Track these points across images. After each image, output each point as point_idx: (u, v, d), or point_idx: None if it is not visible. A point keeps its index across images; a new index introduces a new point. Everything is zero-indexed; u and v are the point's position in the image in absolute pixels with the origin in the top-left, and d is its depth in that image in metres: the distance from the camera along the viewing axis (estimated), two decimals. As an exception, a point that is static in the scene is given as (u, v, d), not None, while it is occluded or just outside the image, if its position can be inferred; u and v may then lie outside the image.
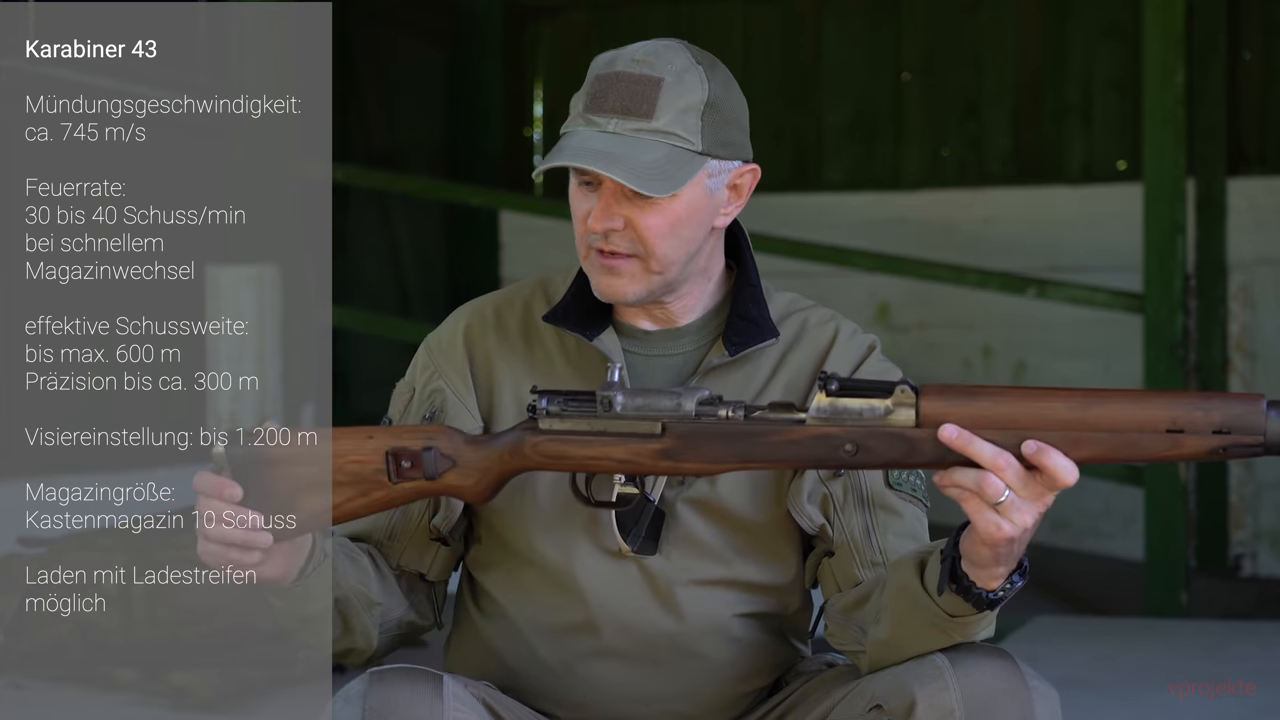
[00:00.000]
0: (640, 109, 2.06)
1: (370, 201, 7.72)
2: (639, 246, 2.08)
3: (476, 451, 2.01)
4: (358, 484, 2.00)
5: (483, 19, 8.38)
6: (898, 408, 1.90)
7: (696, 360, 2.17)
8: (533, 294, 2.23)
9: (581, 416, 1.99)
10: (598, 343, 2.14)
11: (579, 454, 1.98)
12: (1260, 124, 7.66)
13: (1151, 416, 1.85)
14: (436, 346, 2.23)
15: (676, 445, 1.96)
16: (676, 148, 2.07)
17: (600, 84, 2.08)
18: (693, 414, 1.96)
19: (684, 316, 2.17)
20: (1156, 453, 1.85)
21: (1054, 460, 1.83)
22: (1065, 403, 1.86)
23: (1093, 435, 1.85)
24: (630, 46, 2.13)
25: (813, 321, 2.21)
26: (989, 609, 1.94)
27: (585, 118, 2.08)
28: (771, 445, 1.94)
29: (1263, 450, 1.84)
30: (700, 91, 2.09)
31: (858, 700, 2.03)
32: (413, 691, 1.93)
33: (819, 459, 1.92)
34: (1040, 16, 7.97)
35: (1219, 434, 1.84)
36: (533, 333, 2.20)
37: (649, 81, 2.07)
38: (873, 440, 1.90)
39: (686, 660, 2.13)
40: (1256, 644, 5.44)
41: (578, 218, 2.10)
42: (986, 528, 1.85)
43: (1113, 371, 7.55)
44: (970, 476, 1.85)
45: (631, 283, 2.10)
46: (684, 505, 2.12)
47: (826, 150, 8.24)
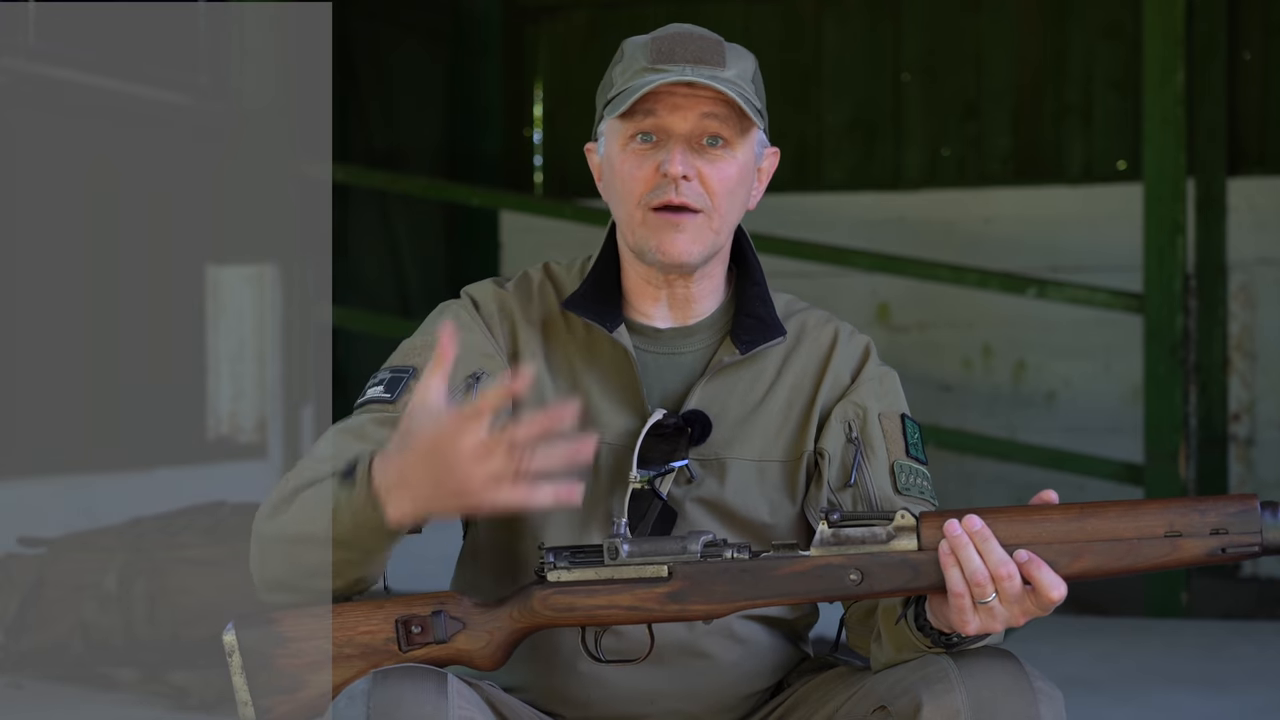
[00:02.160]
0: (713, 59, 2.08)
1: (370, 201, 7.72)
2: (707, 199, 2.09)
3: (485, 614, 1.99)
4: (368, 656, 1.98)
5: (483, 19, 8.38)
6: (899, 533, 1.93)
7: (706, 359, 2.16)
8: (543, 283, 2.22)
9: (588, 566, 1.98)
10: (616, 335, 2.13)
11: (586, 604, 1.97)
12: (1260, 124, 7.65)
13: (1148, 523, 1.89)
14: (479, 303, 2.17)
15: (683, 588, 1.96)
16: (746, 98, 2.09)
17: (664, 41, 2.10)
18: (698, 556, 1.96)
19: (700, 303, 2.17)
20: (1157, 558, 1.89)
21: (1043, 574, 1.87)
22: (1062, 516, 1.90)
23: (1092, 545, 1.89)
24: (664, 27, 2.14)
25: (812, 323, 2.22)
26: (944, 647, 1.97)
27: (655, 68, 2.08)
28: (777, 579, 1.95)
29: (1260, 550, 1.88)
30: (750, 60, 2.13)
31: (863, 701, 2.03)
32: (417, 689, 1.92)
33: (825, 589, 1.94)
34: (1040, 16, 7.97)
35: (1216, 534, 1.88)
36: (549, 320, 2.18)
37: (714, 40, 2.11)
38: (877, 567, 1.92)
39: (692, 661, 2.13)
40: (1256, 644, 5.45)
41: (639, 175, 2.09)
42: (957, 618, 1.90)
43: (1113, 371, 7.55)
44: (971, 565, 1.87)
45: (694, 241, 2.10)
46: (693, 504, 2.12)
47: (826, 150, 8.23)
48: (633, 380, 2.13)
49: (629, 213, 2.11)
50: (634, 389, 2.13)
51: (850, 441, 2.14)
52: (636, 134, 2.10)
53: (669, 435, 2.12)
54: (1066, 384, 7.72)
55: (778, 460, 2.15)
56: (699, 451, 2.13)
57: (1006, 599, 1.88)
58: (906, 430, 2.17)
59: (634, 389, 2.13)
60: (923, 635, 1.97)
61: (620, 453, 2.11)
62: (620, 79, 2.11)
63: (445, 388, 1.89)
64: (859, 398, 2.16)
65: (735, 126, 2.09)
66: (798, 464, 2.15)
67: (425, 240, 8.19)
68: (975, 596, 1.88)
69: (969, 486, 7.50)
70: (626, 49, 2.14)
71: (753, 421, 2.15)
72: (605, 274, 2.18)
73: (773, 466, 2.15)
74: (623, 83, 2.11)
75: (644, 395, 2.13)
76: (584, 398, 2.14)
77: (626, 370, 2.14)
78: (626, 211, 2.11)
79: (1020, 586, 1.87)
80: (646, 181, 2.09)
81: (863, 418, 2.15)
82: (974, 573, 1.87)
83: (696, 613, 1.97)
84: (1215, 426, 7.40)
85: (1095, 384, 7.65)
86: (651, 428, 2.10)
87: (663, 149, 2.08)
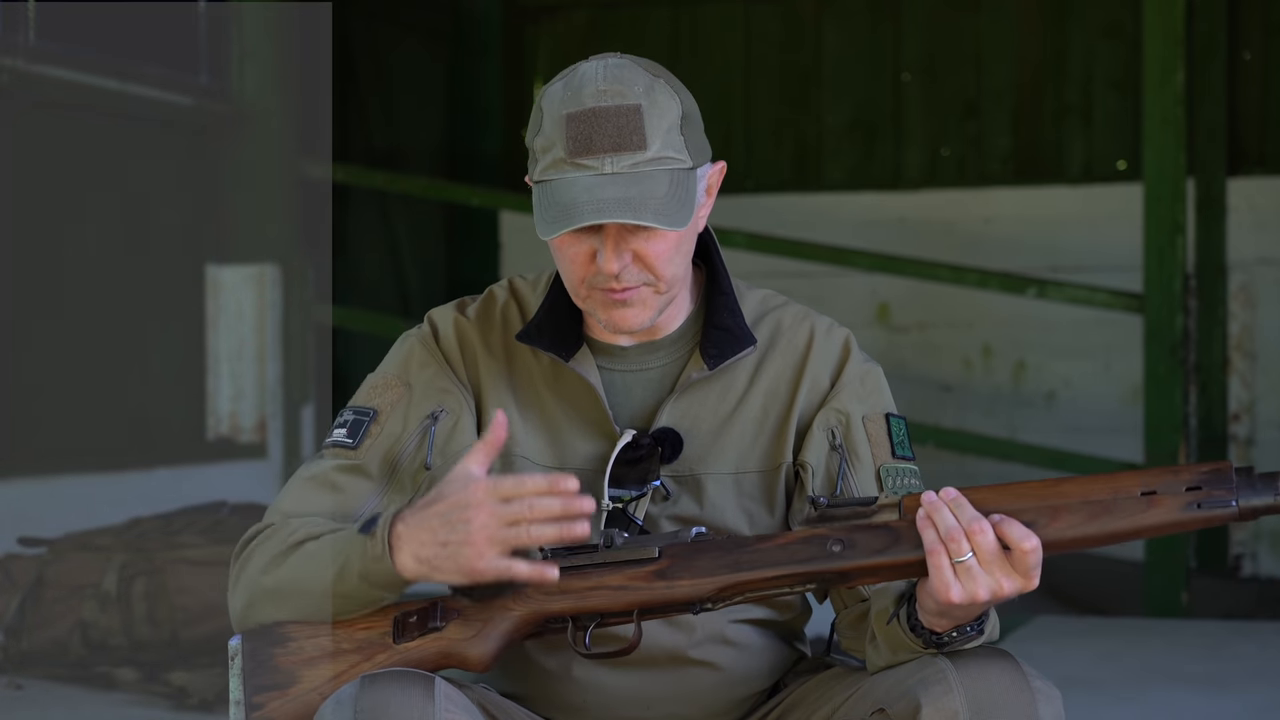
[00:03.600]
0: (631, 141, 2.01)
1: (370, 201, 7.72)
2: (649, 274, 2.05)
3: (479, 606, 2.00)
4: (363, 650, 1.99)
5: (483, 19, 8.38)
6: (882, 510, 1.95)
7: (674, 373, 2.14)
8: (507, 305, 2.20)
9: (582, 554, 1.99)
10: (574, 364, 2.12)
11: (577, 586, 1.97)
12: (1260, 124, 7.66)
13: (1123, 483, 1.90)
14: (440, 334, 2.18)
15: (670, 565, 1.97)
16: (675, 170, 2.03)
17: (579, 124, 2.01)
18: (689, 540, 1.98)
19: (663, 328, 2.15)
20: (1133, 517, 1.89)
21: (1013, 528, 1.88)
22: (1039, 484, 1.92)
23: (1068, 505, 1.90)
24: (579, 75, 2.04)
25: (787, 322, 2.19)
26: (936, 648, 1.97)
27: (574, 163, 2.01)
28: (761, 551, 1.95)
29: (1235, 510, 1.88)
30: (673, 106, 2.04)
31: (860, 703, 2.02)
32: (404, 694, 1.92)
33: (807, 559, 1.94)
34: (1040, 16, 7.97)
35: (1192, 490, 1.88)
36: (511, 347, 2.17)
37: (629, 111, 2.01)
38: (857, 535, 1.93)
39: (686, 665, 2.13)
40: (1256, 644, 5.44)
41: (575, 262, 2.05)
42: (939, 584, 1.89)
43: (1113, 371, 7.55)
44: (945, 523, 1.88)
45: (643, 310, 2.07)
46: (670, 523, 2.10)
47: (826, 150, 8.23)
48: (598, 406, 2.12)
49: (574, 288, 2.08)
50: (600, 413, 2.12)
51: (834, 449, 2.13)
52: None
53: (641, 456, 2.11)
54: (1066, 384, 7.72)
55: (754, 471, 2.14)
56: (672, 469, 2.11)
57: (983, 557, 1.88)
58: (891, 430, 2.15)
59: (600, 413, 2.12)
60: (915, 636, 1.97)
61: (592, 477, 2.10)
62: (541, 158, 2.04)
63: (487, 467, 1.96)
64: (840, 403, 2.14)
65: (680, 218, 2.03)
66: (776, 473, 2.14)
67: (425, 240, 8.19)
68: (951, 553, 1.87)
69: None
70: (545, 115, 2.04)
71: (726, 434, 2.13)
72: (562, 295, 2.14)
73: (750, 478, 2.13)
74: (543, 167, 2.04)
75: (611, 419, 2.12)
76: (552, 423, 2.14)
77: (591, 396, 2.12)
78: (571, 286, 2.08)
79: (994, 542, 1.87)
80: (585, 267, 2.05)
81: (845, 424, 2.13)
82: (948, 529, 1.88)
83: (683, 590, 1.96)
84: (1215, 426, 7.40)
85: (1095, 384, 7.65)
86: (623, 450, 2.10)
87: (595, 235, 2.03)
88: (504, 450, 2.11)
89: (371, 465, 2.13)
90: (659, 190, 2.01)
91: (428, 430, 2.12)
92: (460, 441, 2.12)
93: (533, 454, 2.13)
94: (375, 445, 2.13)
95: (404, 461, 2.12)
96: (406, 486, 2.12)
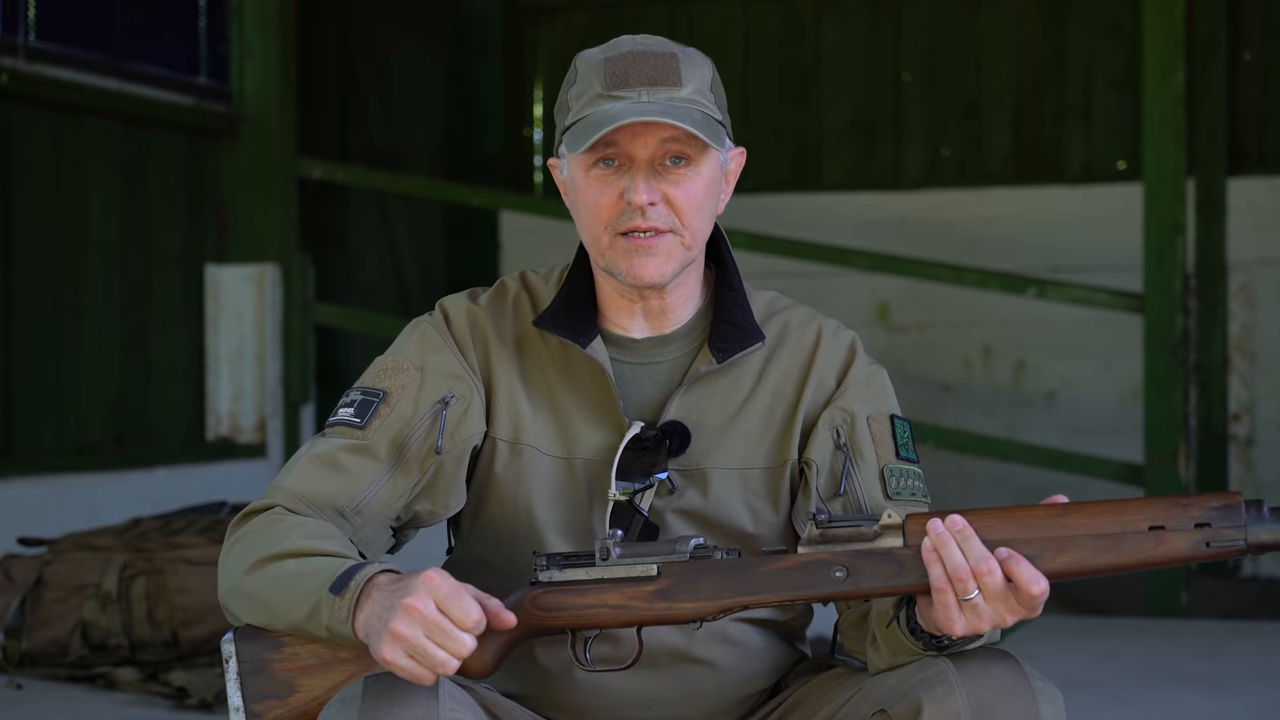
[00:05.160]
0: (668, 78, 2.06)
1: (370, 201, 7.72)
2: (675, 219, 2.07)
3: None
4: (361, 659, 1.98)
5: (483, 19, 8.37)
6: (885, 532, 1.92)
7: (684, 367, 2.15)
8: (519, 295, 2.21)
9: (579, 567, 1.98)
10: (590, 350, 2.12)
11: (576, 603, 1.96)
12: (1260, 124, 7.65)
13: (1132, 518, 1.88)
14: (451, 320, 2.18)
15: (671, 586, 1.95)
16: (706, 114, 2.07)
17: (617, 64, 2.07)
18: (687, 557, 1.96)
19: (675, 313, 2.15)
20: (1142, 553, 1.87)
21: (1022, 568, 1.86)
22: (1046, 513, 1.89)
23: (1075, 539, 1.87)
24: (616, 39, 2.12)
25: (794, 323, 2.20)
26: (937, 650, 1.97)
27: (611, 95, 2.06)
28: (764, 575, 1.94)
29: (1244, 546, 1.86)
30: (707, 66, 2.11)
31: (862, 704, 2.02)
32: (408, 691, 1.92)
33: (810, 585, 1.93)
34: (1040, 16, 7.96)
35: (1200, 528, 1.86)
36: (524, 336, 2.17)
37: (667, 55, 2.08)
38: (861, 561, 1.92)
39: (687, 665, 2.13)
40: (1256, 644, 5.44)
41: (603, 203, 2.07)
42: (943, 619, 1.89)
43: (1113, 371, 7.55)
44: (953, 561, 1.86)
45: (667, 261, 2.08)
46: (675, 516, 2.11)
47: (826, 150, 8.23)
48: (609, 395, 2.12)
49: (596, 237, 2.09)
50: (611, 403, 2.12)
51: (839, 449, 2.13)
52: (598, 160, 2.08)
53: (648, 448, 2.11)
54: (1066, 384, 7.71)
55: (760, 467, 2.14)
56: (679, 462, 2.12)
57: (989, 595, 1.87)
58: (896, 431, 2.15)
59: (611, 403, 2.12)
60: (915, 639, 1.97)
61: (599, 468, 2.11)
62: (575, 104, 2.09)
63: (480, 629, 1.90)
64: (846, 403, 2.15)
65: (697, 143, 2.07)
66: (781, 470, 2.14)
67: (425, 240, 8.19)
68: (958, 593, 1.87)
69: (969, 487, 7.50)
70: (580, 68, 2.11)
71: (733, 429, 2.14)
72: (578, 286, 2.16)
73: (755, 474, 2.14)
74: (578, 109, 2.08)
75: (621, 409, 2.12)
76: (561, 413, 2.14)
77: (602, 385, 2.13)
78: (594, 235, 2.10)
79: (1002, 582, 1.86)
80: (612, 208, 2.07)
81: (851, 424, 2.14)
82: (956, 568, 1.86)
83: (684, 611, 1.95)
84: (1215, 426, 7.40)
85: (1095, 384, 7.65)
86: (631, 441, 2.10)
87: (625, 174, 2.06)
88: (512, 439, 2.12)
89: (379, 447, 2.12)
90: (696, 117, 2.05)
91: (439, 414, 2.11)
92: (469, 428, 2.12)
93: (541, 444, 2.13)
94: (384, 427, 2.12)
95: (412, 445, 2.12)
96: (414, 470, 2.11)
